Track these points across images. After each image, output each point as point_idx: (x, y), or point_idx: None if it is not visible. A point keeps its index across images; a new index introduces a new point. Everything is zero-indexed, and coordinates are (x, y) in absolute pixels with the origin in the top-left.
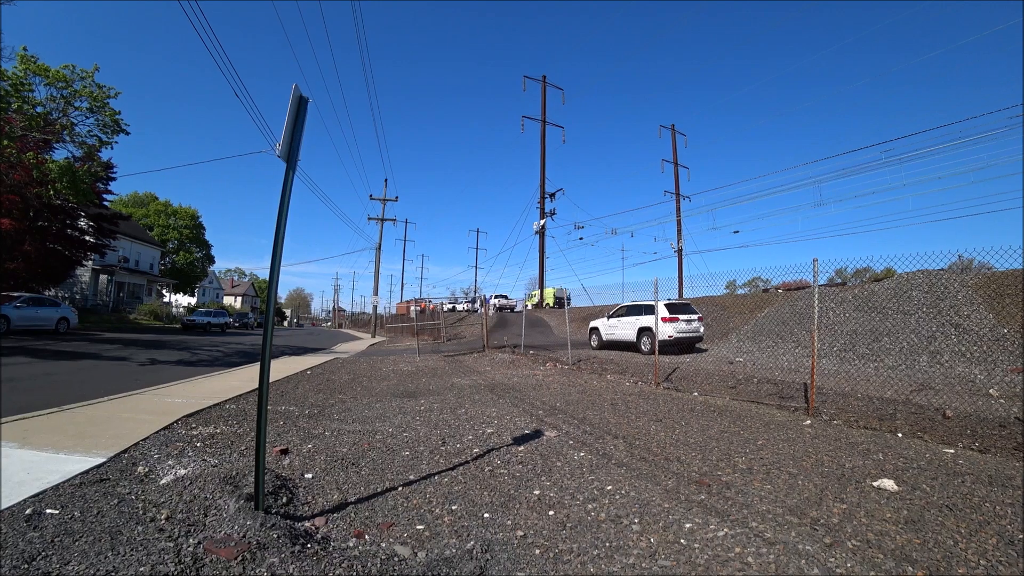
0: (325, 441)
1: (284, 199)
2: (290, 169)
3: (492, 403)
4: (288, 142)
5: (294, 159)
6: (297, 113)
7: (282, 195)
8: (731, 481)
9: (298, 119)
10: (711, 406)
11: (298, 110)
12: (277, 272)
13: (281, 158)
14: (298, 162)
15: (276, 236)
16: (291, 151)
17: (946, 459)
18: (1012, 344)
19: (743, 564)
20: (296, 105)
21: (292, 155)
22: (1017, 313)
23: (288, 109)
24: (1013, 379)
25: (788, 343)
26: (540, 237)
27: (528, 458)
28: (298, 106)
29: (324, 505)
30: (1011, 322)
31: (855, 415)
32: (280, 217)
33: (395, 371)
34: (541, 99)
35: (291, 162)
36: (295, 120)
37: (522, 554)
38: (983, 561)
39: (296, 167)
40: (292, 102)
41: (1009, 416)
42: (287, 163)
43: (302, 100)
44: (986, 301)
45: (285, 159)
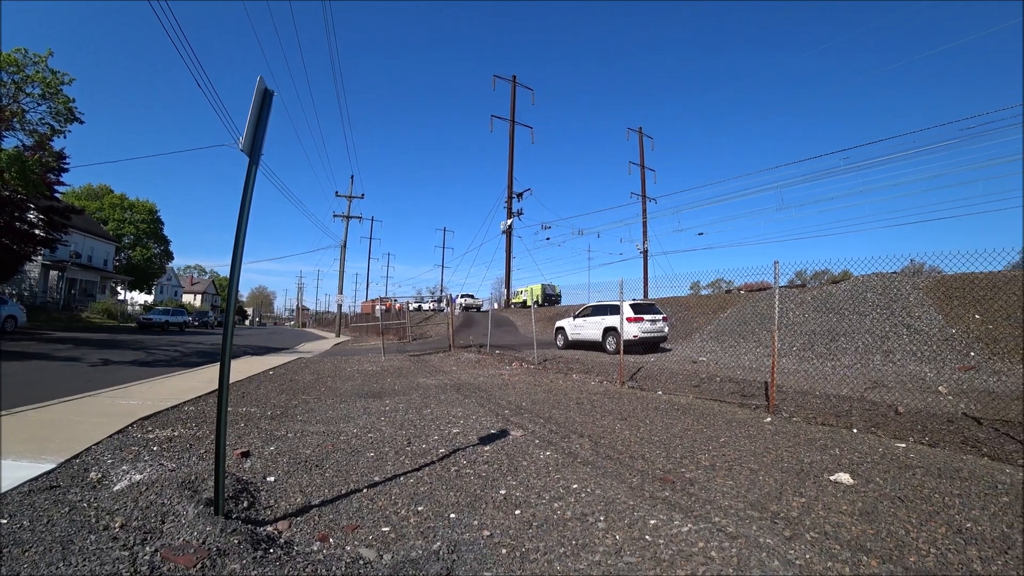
0: (288, 443)
1: (246, 194)
2: (253, 163)
3: (458, 403)
4: (251, 136)
5: (257, 153)
6: (261, 106)
7: (244, 190)
8: (695, 478)
9: (262, 112)
10: (675, 404)
11: (262, 103)
12: (238, 269)
13: (244, 152)
14: (261, 156)
15: (238, 232)
16: (254, 145)
17: (898, 453)
18: (960, 344)
19: (706, 558)
20: (260, 98)
21: (255, 149)
22: (965, 314)
23: (252, 101)
24: (961, 377)
25: (750, 343)
26: (507, 237)
27: (494, 458)
28: (262, 99)
29: (287, 509)
30: (959, 323)
31: (813, 412)
32: (242, 213)
33: (360, 371)
34: (511, 99)
35: (254, 156)
36: (259, 113)
37: (489, 554)
38: (933, 549)
39: (259, 161)
40: (256, 94)
41: (957, 412)
42: (250, 157)
43: (267, 93)
44: (936, 303)
45: (248, 153)
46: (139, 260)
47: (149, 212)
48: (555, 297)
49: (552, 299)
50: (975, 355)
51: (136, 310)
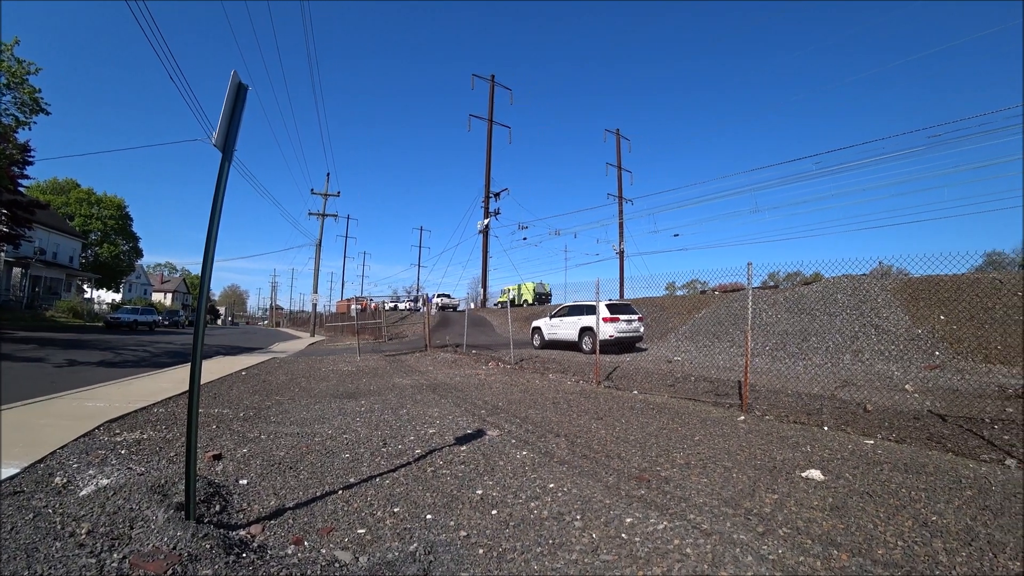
0: (261, 445)
1: (219, 191)
2: (226, 159)
3: (434, 403)
4: (225, 131)
5: (230, 149)
6: (235, 100)
7: (217, 186)
8: (670, 476)
9: (236, 107)
10: (650, 404)
11: (236, 97)
12: (210, 267)
13: (217, 147)
14: (235, 152)
15: (210, 229)
16: (228, 140)
17: (867, 449)
18: (925, 343)
19: (682, 555)
20: (235, 92)
21: (229, 144)
22: (930, 315)
23: (226, 96)
24: (926, 375)
25: (724, 343)
26: (484, 236)
27: (471, 458)
28: (236, 93)
29: (260, 512)
30: (925, 323)
31: (785, 410)
32: (214, 209)
33: (335, 371)
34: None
35: (227, 152)
36: (233, 108)
37: (466, 554)
38: (900, 542)
39: (233, 157)
40: (230, 89)
41: (922, 409)
42: (223, 153)
43: (241, 87)
44: (903, 304)
45: (221, 148)
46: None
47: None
48: (546, 296)
49: (544, 298)
50: (940, 354)
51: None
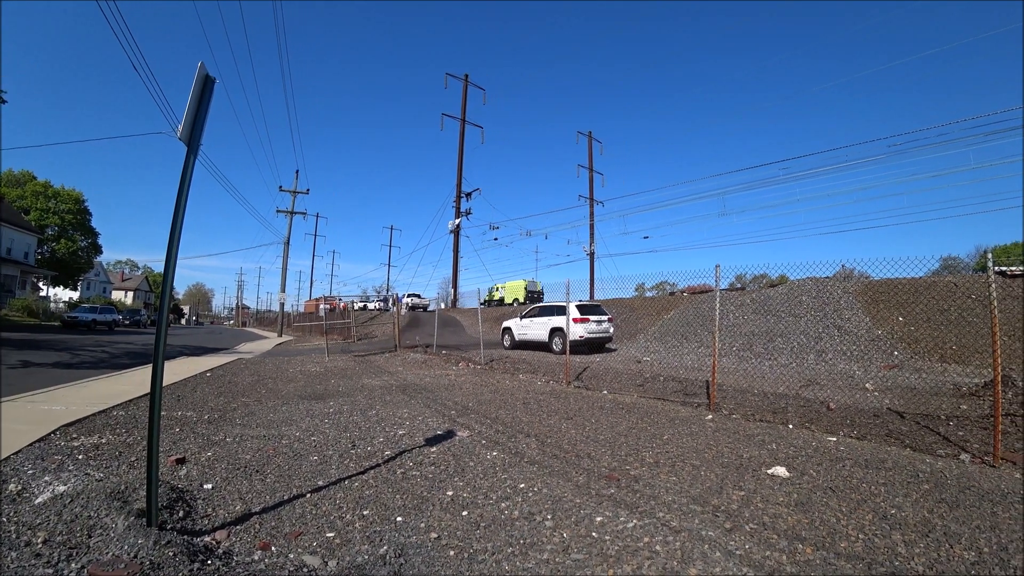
0: (226, 448)
1: (184, 185)
2: (191, 153)
3: (404, 404)
4: (191, 124)
5: (196, 143)
6: (202, 93)
7: (181, 181)
8: (639, 475)
9: (203, 99)
10: (620, 404)
11: (203, 90)
12: (173, 265)
13: (182, 141)
14: (201, 146)
15: (173, 226)
16: (193, 134)
17: (829, 446)
18: (885, 344)
19: (651, 553)
20: (201, 84)
21: (194, 138)
22: (889, 316)
23: (192, 88)
24: (885, 375)
25: (692, 343)
26: (455, 236)
27: (441, 459)
28: (203, 85)
29: (226, 517)
30: (884, 325)
31: (752, 409)
32: (178, 205)
33: (303, 372)
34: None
35: (193, 146)
36: (199, 100)
37: (436, 556)
38: (861, 535)
39: (199, 151)
40: (197, 81)
41: (882, 407)
42: (188, 147)
43: (208, 79)
44: (864, 306)
45: (186, 142)
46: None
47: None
48: (538, 295)
49: (536, 297)
50: (898, 354)
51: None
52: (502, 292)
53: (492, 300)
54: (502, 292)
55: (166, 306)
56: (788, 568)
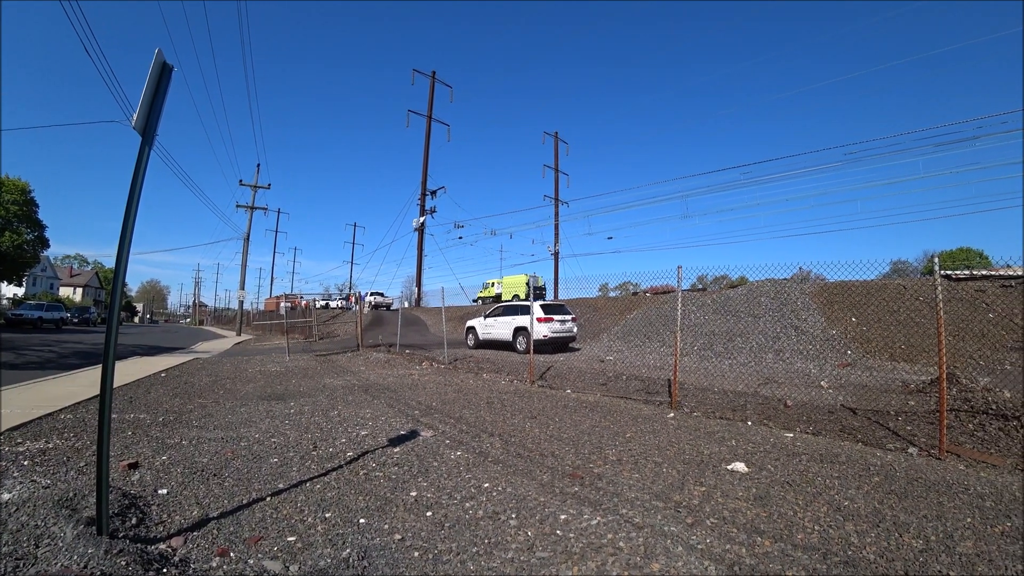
0: (182, 451)
1: (137, 177)
2: (146, 144)
3: (367, 404)
4: (146, 113)
5: (152, 133)
6: (159, 81)
7: (135, 172)
8: (602, 472)
9: (159, 88)
10: (583, 402)
11: (160, 78)
12: (126, 260)
13: (137, 131)
14: (156, 137)
15: (126, 219)
16: (149, 124)
17: (786, 442)
18: (839, 343)
19: (615, 549)
20: (158, 72)
21: (150, 128)
22: (843, 317)
23: (148, 76)
24: (839, 373)
25: (654, 343)
26: (419, 234)
27: (404, 459)
28: (160, 73)
29: (182, 523)
30: (838, 325)
31: (712, 407)
32: (132, 197)
33: (262, 372)
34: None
35: (148, 136)
36: (156, 89)
37: (400, 558)
38: (816, 527)
39: (154, 142)
40: (154, 68)
41: (836, 404)
42: (143, 137)
43: (165, 67)
44: (819, 307)
45: (141, 132)
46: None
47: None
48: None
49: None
50: (851, 353)
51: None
52: (499, 288)
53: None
54: (499, 288)
55: (117, 303)
56: (748, 560)
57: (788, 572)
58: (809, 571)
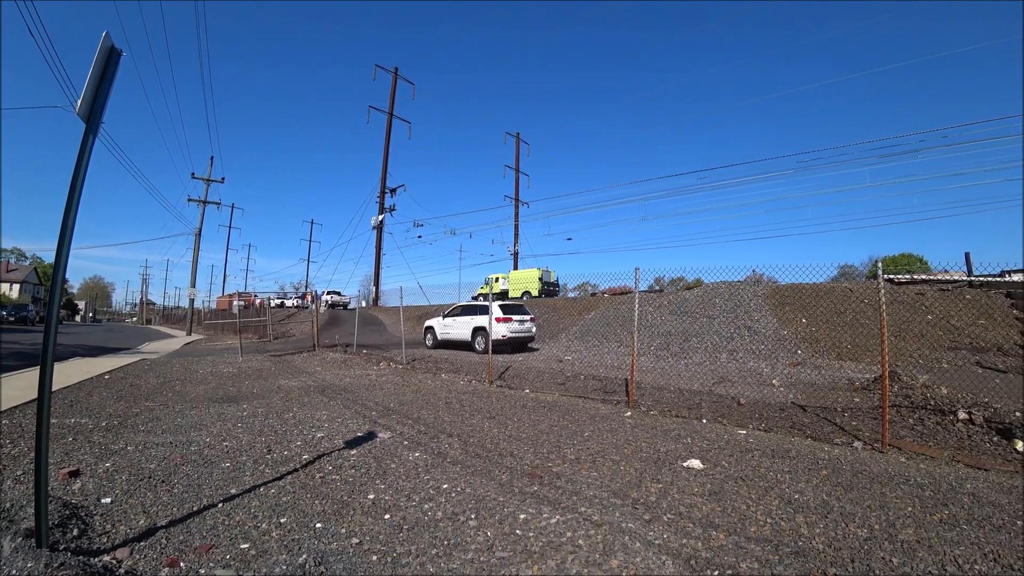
0: (127, 457)
1: (80, 167)
2: (91, 132)
3: (323, 405)
4: (91, 99)
5: (97, 120)
6: (106, 66)
7: (78, 162)
8: (561, 471)
9: (106, 73)
10: (542, 402)
11: (107, 62)
12: (66, 255)
13: (81, 117)
14: (102, 125)
15: (67, 211)
16: (94, 110)
17: (740, 439)
18: (790, 343)
19: (575, 547)
20: (105, 56)
21: (95, 115)
22: (794, 318)
23: (95, 59)
24: (790, 371)
25: (612, 343)
26: (378, 232)
27: (361, 461)
28: (108, 58)
29: (128, 533)
30: (790, 325)
31: (668, 406)
32: (73, 188)
33: (214, 373)
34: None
35: (93, 124)
36: (102, 74)
37: (359, 562)
38: (769, 519)
39: (99, 130)
40: (101, 52)
41: (787, 401)
42: (87, 124)
43: (113, 51)
44: (772, 308)
45: (85, 119)
46: None
47: None
48: (554, 287)
49: (552, 290)
50: (801, 353)
51: None
52: (504, 284)
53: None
54: (504, 284)
55: (57, 301)
56: (703, 554)
57: (742, 564)
58: (762, 562)
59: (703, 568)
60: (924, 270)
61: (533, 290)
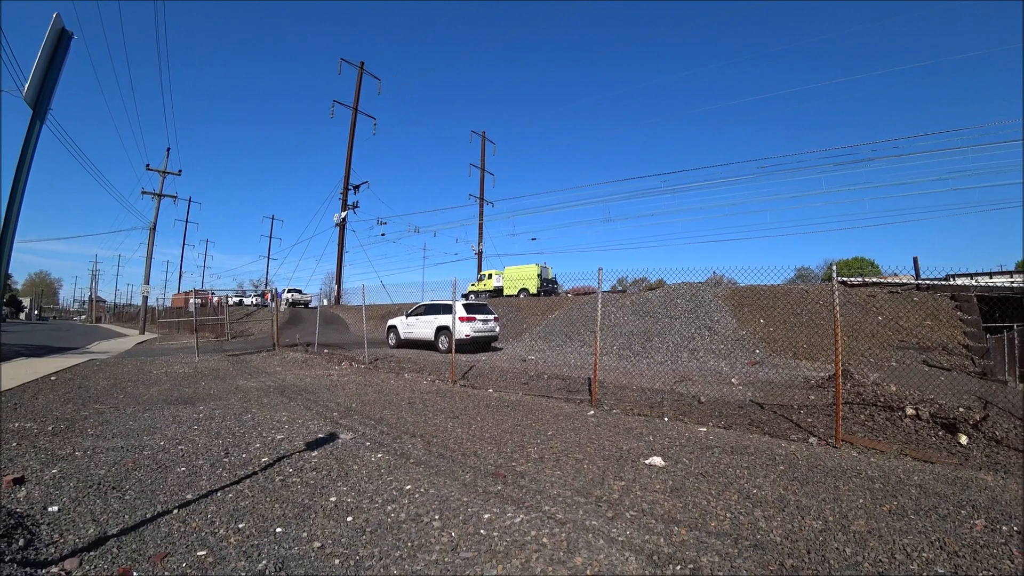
0: (76, 463)
1: (26, 155)
2: (38, 118)
3: (283, 406)
4: (39, 84)
5: (45, 106)
6: (55, 49)
7: (23, 150)
8: (525, 470)
9: (56, 56)
10: (505, 401)
11: (57, 45)
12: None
13: (27, 102)
14: (50, 111)
15: (11, 202)
16: (42, 96)
17: (700, 436)
18: (748, 343)
19: (539, 545)
20: (55, 39)
21: (43, 101)
22: (753, 319)
23: (43, 42)
24: (749, 370)
25: (575, 342)
26: (340, 230)
27: (323, 463)
28: (57, 40)
29: (76, 543)
30: (748, 326)
31: (631, 404)
32: (18, 178)
33: (168, 374)
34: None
35: (40, 110)
36: (51, 57)
37: (320, 566)
38: (728, 514)
39: (47, 116)
40: (50, 34)
41: (745, 399)
42: (35, 110)
43: (64, 33)
44: (731, 309)
45: (32, 105)
46: None
47: None
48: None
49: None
50: (759, 352)
51: None
52: (498, 280)
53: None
54: (498, 280)
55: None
56: (666, 549)
57: (703, 558)
58: (722, 556)
59: (665, 563)
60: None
61: (531, 287)
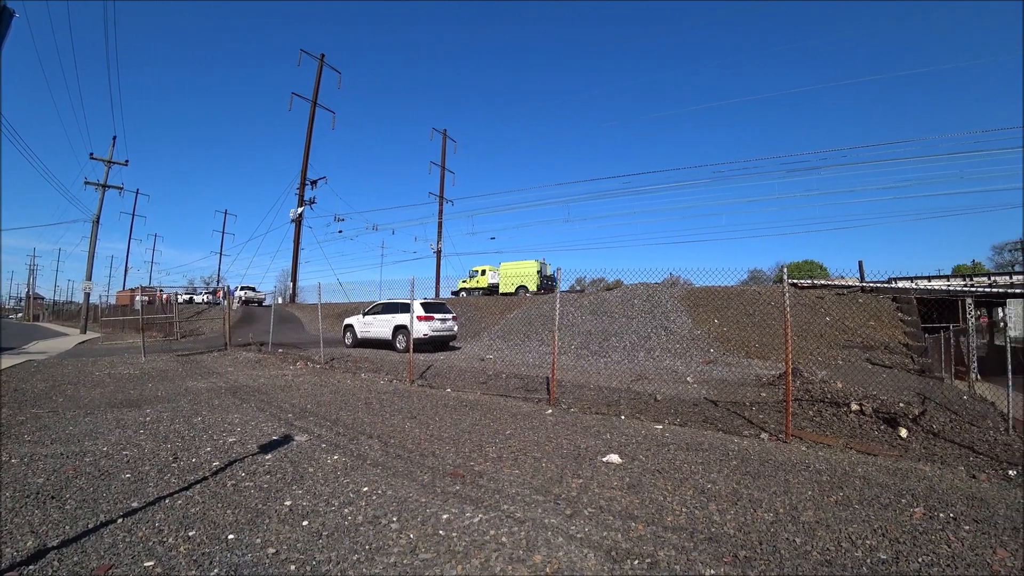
0: (11, 471)
1: None
2: None
3: (235, 408)
4: None
5: None
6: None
7: None
8: (483, 470)
9: None
10: (464, 401)
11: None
12: None
13: None
14: None
15: None
16: None
17: (656, 433)
18: (703, 343)
19: (498, 544)
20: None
21: None
22: (707, 319)
23: None
24: (703, 369)
25: (534, 342)
26: (296, 226)
27: (277, 466)
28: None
29: (14, 556)
30: (703, 326)
31: (588, 403)
32: None
33: (112, 375)
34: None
35: None
36: None
37: (276, 573)
38: (684, 509)
39: None
40: None
41: (700, 397)
42: None
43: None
44: (687, 309)
45: None
46: None
47: None
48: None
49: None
50: (714, 351)
51: None
52: (493, 276)
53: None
54: (493, 276)
55: None
56: (624, 545)
57: (660, 552)
58: (679, 549)
59: (623, 558)
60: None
61: (531, 285)
